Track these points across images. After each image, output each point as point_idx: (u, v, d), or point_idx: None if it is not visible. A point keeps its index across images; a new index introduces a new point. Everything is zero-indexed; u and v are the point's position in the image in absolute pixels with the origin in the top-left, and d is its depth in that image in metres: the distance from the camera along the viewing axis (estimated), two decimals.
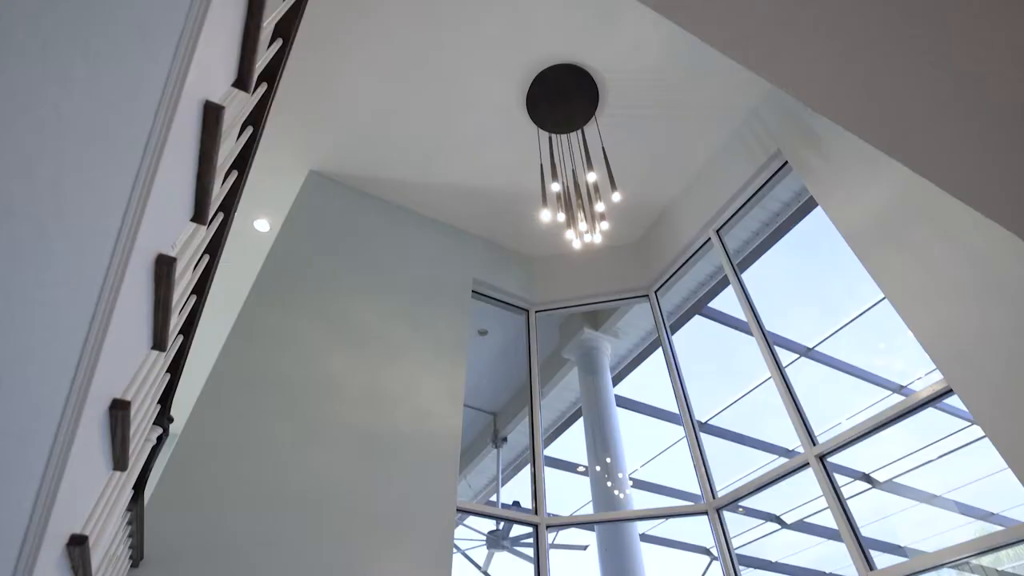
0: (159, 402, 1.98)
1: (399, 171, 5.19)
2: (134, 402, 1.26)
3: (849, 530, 3.03)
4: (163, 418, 2.05)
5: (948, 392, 2.72)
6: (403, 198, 5.43)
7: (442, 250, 5.35)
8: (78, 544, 1.17)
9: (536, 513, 4.20)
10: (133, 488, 2.04)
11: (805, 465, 3.35)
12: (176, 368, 1.98)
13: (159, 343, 1.29)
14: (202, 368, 3.45)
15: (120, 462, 1.28)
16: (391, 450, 3.65)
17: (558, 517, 4.26)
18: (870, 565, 2.85)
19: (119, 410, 1.13)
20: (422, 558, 3.30)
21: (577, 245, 3.47)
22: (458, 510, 3.74)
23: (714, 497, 3.98)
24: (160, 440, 2.16)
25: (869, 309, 5.88)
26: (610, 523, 4.96)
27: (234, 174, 1.88)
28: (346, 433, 3.58)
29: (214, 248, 1.92)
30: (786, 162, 4.26)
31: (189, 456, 3.06)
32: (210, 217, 1.50)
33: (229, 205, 1.91)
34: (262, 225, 5.66)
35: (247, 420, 3.35)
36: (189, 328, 1.93)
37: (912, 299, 2.92)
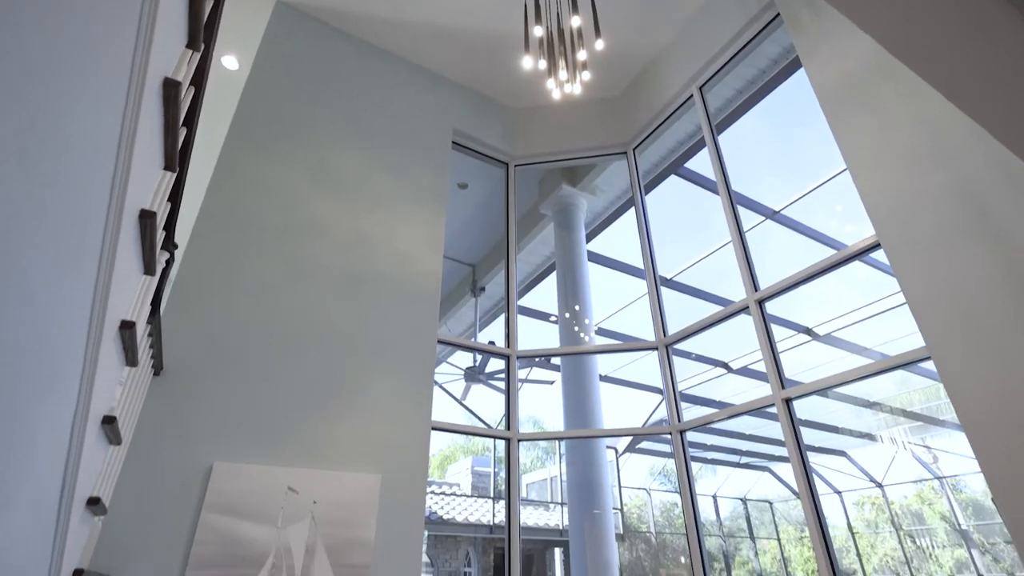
0: (164, 229, 2.16)
1: (374, 5, 4.86)
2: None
3: (773, 364, 3.56)
4: (169, 244, 2.26)
5: (875, 247, 3.05)
6: (380, 38, 5.14)
7: (422, 98, 5.23)
8: (128, 328, 1.44)
9: (508, 346, 4.73)
10: (151, 304, 2.31)
11: (746, 308, 3.80)
12: (175, 198, 2.14)
13: (170, 164, 1.44)
14: (190, 209, 3.58)
15: (149, 267, 1.51)
16: (375, 288, 3.98)
17: (527, 351, 4.81)
18: (782, 384, 3.43)
19: (147, 219, 1.32)
20: (407, 382, 3.79)
21: (557, 95, 3.48)
22: (438, 342, 4.20)
23: (665, 336, 4.51)
24: (168, 264, 2.39)
25: (836, 176, 6.10)
26: (573, 359, 5.58)
27: (210, 1, 1.87)
28: (331, 271, 3.86)
29: (198, 81, 1.97)
30: (778, 14, 4.13)
31: (189, 286, 3.33)
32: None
33: (209, 35, 1.92)
34: (230, 62, 5.36)
35: (238, 256, 3.58)
36: (184, 159, 2.05)
37: (866, 160, 3.13)
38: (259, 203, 3.83)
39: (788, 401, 3.37)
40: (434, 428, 3.82)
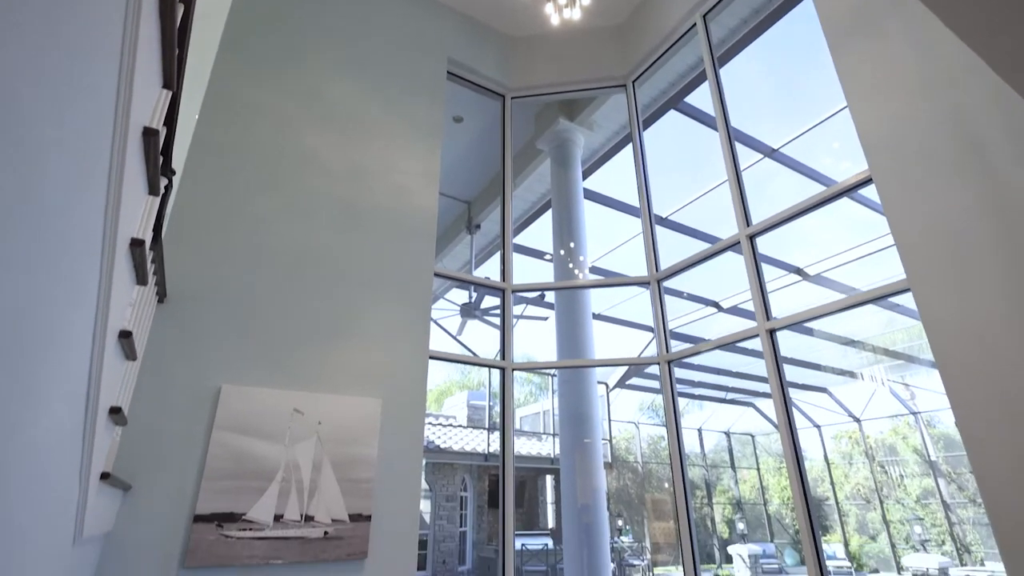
0: (161, 154, 2.17)
1: None
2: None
3: (760, 296, 3.67)
4: (167, 169, 2.26)
5: (867, 182, 3.09)
6: None
7: (416, 23, 5.04)
8: (138, 246, 1.49)
9: (504, 281, 4.82)
10: (153, 230, 2.35)
11: (737, 243, 3.87)
12: (171, 121, 2.13)
13: (168, 81, 1.44)
14: (183, 137, 3.53)
15: (153, 187, 1.54)
16: (372, 220, 4.00)
17: (523, 284, 4.90)
18: (768, 316, 3.55)
19: (150, 137, 1.34)
20: (405, 313, 3.89)
21: (556, 20, 3.37)
22: (435, 275, 4.27)
23: (657, 271, 4.60)
24: (167, 190, 2.40)
25: (836, 113, 6.02)
26: (567, 296, 5.70)
27: None
28: (328, 202, 3.87)
29: None
30: None
31: (186, 215, 3.34)
32: None
33: None
34: None
35: (234, 185, 3.58)
36: (179, 79, 2.02)
37: (865, 91, 3.10)
38: (252, 132, 3.78)
39: (772, 332, 3.50)
40: (432, 357, 3.97)
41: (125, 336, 1.63)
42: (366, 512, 3.14)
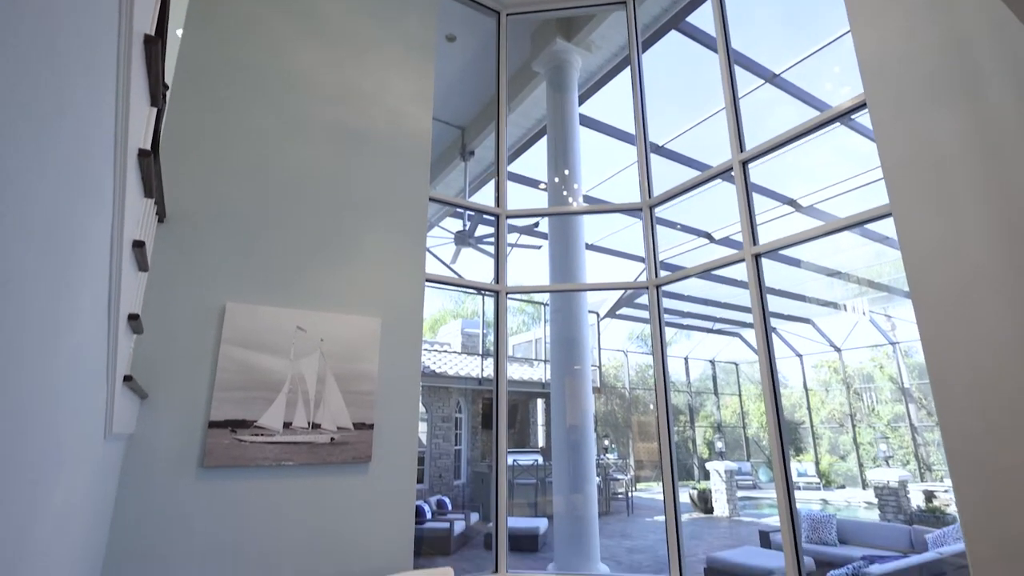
0: None
1: None
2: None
3: (748, 223, 3.76)
4: (161, 85, 2.24)
5: (861, 106, 3.09)
6: None
7: None
8: (145, 156, 1.53)
9: (498, 206, 4.85)
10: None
11: (730, 170, 3.90)
12: (161, 31, 2.09)
13: None
14: (170, 52, 3.41)
15: (154, 97, 1.56)
16: (366, 142, 3.97)
17: (517, 210, 4.94)
18: (755, 242, 3.66)
19: (151, 45, 1.35)
20: (401, 236, 3.94)
21: None
22: (431, 200, 4.29)
23: (650, 197, 4.64)
24: (160, 110, 2.39)
25: (840, 37, 5.85)
26: (560, 224, 5.76)
27: None
28: (322, 123, 3.82)
29: None
30: None
31: (177, 134, 3.31)
32: None
33: None
34: None
35: (226, 103, 3.51)
36: None
37: (868, 12, 3.04)
38: (240, 49, 3.67)
39: (757, 257, 3.62)
40: (428, 281, 4.07)
41: (139, 246, 1.70)
42: (368, 421, 3.36)
